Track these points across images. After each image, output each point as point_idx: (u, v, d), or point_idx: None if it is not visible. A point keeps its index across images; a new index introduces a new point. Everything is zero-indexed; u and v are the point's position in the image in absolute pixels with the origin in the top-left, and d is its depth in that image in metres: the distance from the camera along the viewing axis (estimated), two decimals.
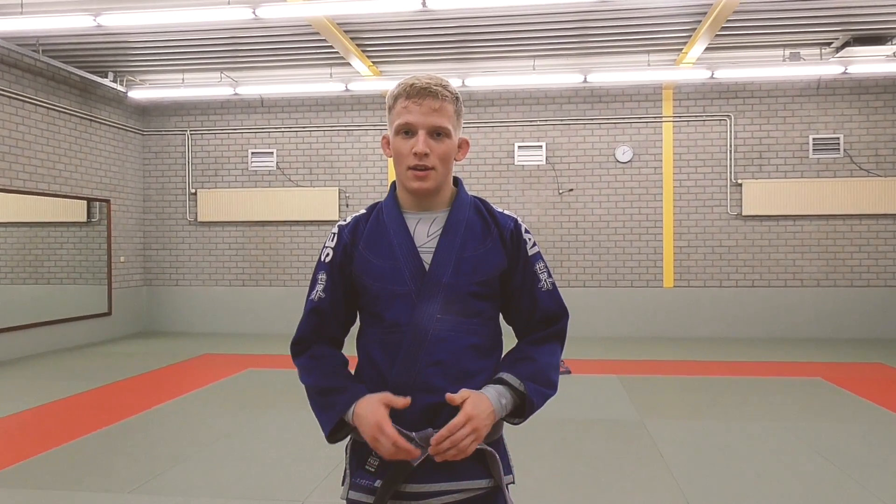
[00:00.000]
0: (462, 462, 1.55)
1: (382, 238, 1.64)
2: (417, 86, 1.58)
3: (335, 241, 1.69)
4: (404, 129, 1.59)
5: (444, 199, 1.68)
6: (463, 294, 1.60)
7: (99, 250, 10.28)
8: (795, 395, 6.38)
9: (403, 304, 1.59)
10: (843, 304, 10.00)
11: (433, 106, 1.58)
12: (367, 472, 1.58)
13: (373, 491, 1.55)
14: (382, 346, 1.61)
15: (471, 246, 1.63)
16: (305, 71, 10.14)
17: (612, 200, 10.43)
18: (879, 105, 9.95)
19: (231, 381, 7.21)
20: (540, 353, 1.67)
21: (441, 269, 1.59)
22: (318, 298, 1.68)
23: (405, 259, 1.60)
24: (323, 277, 1.68)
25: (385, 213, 1.68)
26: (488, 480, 1.59)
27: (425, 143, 1.57)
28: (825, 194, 9.95)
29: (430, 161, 1.58)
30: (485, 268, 1.63)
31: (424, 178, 1.59)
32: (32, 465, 4.43)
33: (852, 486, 3.98)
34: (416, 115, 1.57)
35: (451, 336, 1.58)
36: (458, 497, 1.57)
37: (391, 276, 1.60)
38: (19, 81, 8.81)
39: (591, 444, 4.87)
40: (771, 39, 8.82)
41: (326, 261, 1.69)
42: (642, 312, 10.32)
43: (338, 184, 10.93)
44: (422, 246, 1.62)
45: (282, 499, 3.84)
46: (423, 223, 1.65)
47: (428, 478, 1.54)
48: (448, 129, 1.60)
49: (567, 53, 9.37)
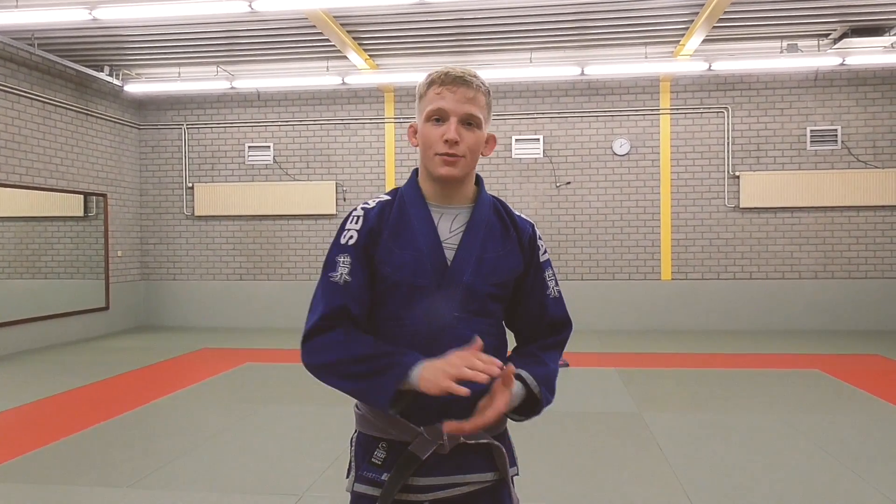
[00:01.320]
0: (468, 455, 1.56)
1: (406, 227, 1.60)
2: (452, 74, 1.57)
3: (360, 224, 1.61)
4: (436, 115, 1.57)
5: (467, 194, 1.66)
6: (481, 294, 1.59)
7: (96, 245, 10.26)
8: (793, 387, 6.39)
9: (422, 298, 1.57)
10: (840, 296, 10.02)
11: (467, 95, 1.56)
12: (373, 465, 1.57)
13: (379, 484, 1.54)
14: (396, 341, 1.56)
15: (490, 247, 1.62)
16: (302, 64, 10.11)
17: (609, 193, 10.43)
18: (877, 97, 9.94)
19: (230, 375, 7.21)
20: (550, 359, 1.69)
21: (463, 267, 1.58)
22: (344, 281, 1.55)
23: (429, 251, 1.57)
24: (347, 260, 1.57)
25: (408, 203, 1.63)
26: (494, 473, 1.60)
27: (457, 131, 1.55)
28: (823, 186, 9.95)
29: (460, 150, 1.56)
30: (502, 271, 1.63)
31: (454, 164, 1.56)
32: (31, 460, 4.43)
33: (850, 478, 3.99)
34: (449, 101, 1.55)
35: (469, 336, 1.54)
36: (465, 490, 1.57)
37: (413, 267, 1.56)
38: (15, 75, 8.77)
39: (589, 437, 4.88)
40: (768, 31, 8.80)
41: (350, 243, 1.59)
42: (640, 305, 10.33)
43: (335, 177, 10.91)
44: (444, 241, 1.60)
45: (281, 492, 3.85)
46: (446, 218, 1.62)
47: (435, 471, 1.54)
48: (480, 119, 1.58)
49: (564, 46, 9.34)
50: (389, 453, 1.55)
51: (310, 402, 5.87)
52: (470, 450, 1.57)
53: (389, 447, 1.56)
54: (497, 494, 1.61)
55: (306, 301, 1.68)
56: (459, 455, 1.54)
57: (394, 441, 1.56)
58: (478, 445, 1.57)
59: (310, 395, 6.08)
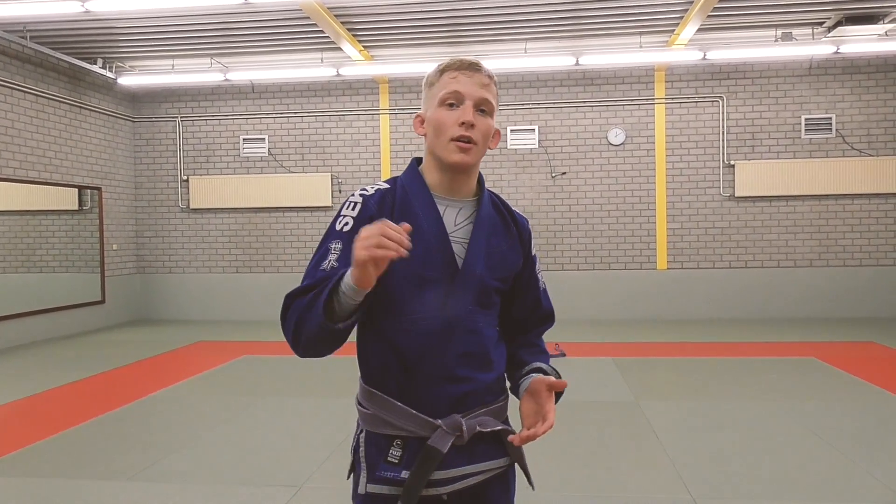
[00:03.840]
0: (480, 444, 1.58)
1: (410, 218, 1.51)
2: (467, 60, 1.56)
3: (357, 211, 1.54)
4: (452, 98, 1.54)
5: (471, 186, 1.64)
6: (489, 288, 1.60)
7: (91, 238, 10.23)
8: (789, 375, 6.42)
9: (432, 291, 1.53)
10: (835, 284, 10.06)
11: (483, 81, 1.55)
12: (390, 463, 1.53)
13: (399, 483, 1.51)
14: (407, 336, 1.53)
15: (495, 241, 1.62)
16: (296, 56, 10.07)
17: (604, 183, 10.43)
18: (871, 84, 9.95)
19: (227, 367, 7.21)
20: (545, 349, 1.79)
21: (475, 261, 1.57)
22: (331, 268, 1.46)
23: (438, 243, 1.54)
24: (338, 247, 1.49)
25: (411, 193, 1.58)
26: (506, 459, 1.64)
27: (473, 115, 1.53)
28: (817, 174, 9.97)
29: (475, 135, 1.53)
30: (506, 264, 1.64)
31: (468, 151, 1.53)
32: (29, 454, 4.43)
33: (846, 464, 4.02)
34: (465, 85, 1.54)
35: (481, 328, 1.59)
36: (481, 479, 1.59)
37: (421, 259, 1.50)
38: (7, 68, 8.72)
39: (586, 426, 4.90)
40: (763, 19, 8.79)
41: (345, 230, 1.51)
42: (636, 294, 10.36)
43: (330, 169, 10.89)
44: (450, 234, 1.57)
45: (280, 484, 3.86)
46: (451, 210, 1.59)
47: (450, 463, 1.54)
48: (493, 106, 1.57)
49: (559, 36, 9.32)
50: (406, 450, 1.53)
51: (308, 394, 5.88)
52: (481, 439, 1.58)
53: (405, 444, 1.53)
54: (505, 478, 1.66)
55: None
56: (473, 445, 1.56)
57: (409, 437, 1.53)
58: (489, 434, 1.59)
59: (308, 387, 6.10)
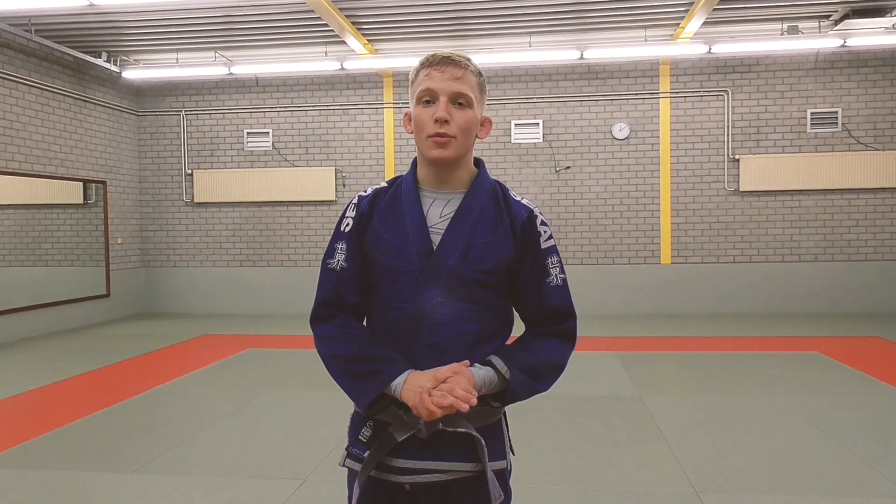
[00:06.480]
0: (448, 443, 1.55)
1: (396, 213, 1.63)
2: (440, 55, 1.57)
3: (354, 212, 1.67)
4: (426, 95, 1.57)
5: (462, 179, 1.65)
6: (466, 280, 1.57)
7: (96, 232, 10.26)
8: (793, 370, 6.42)
9: (406, 283, 1.58)
10: (840, 279, 10.03)
11: (455, 74, 1.56)
12: (359, 442, 1.62)
13: (362, 460, 1.59)
14: (384, 324, 1.62)
15: (480, 233, 1.60)
16: (300, 50, 10.05)
17: (609, 177, 10.41)
18: (878, 78, 9.90)
19: (231, 361, 7.23)
20: (542, 348, 1.65)
21: (447, 252, 1.57)
22: (340, 268, 1.64)
23: (414, 236, 1.59)
24: (343, 247, 1.65)
25: (402, 189, 1.66)
26: (473, 465, 1.57)
27: (446, 109, 1.54)
28: (823, 169, 9.94)
29: (451, 129, 1.55)
30: (492, 256, 1.60)
31: (445, 146, 1.56)
32: (35, 447, 4.46)
33: (850, 459, 4.01)
34: (437, 81, 1.55)
35: (450, 321, 1.57)
36: (442, 477, 1.56)
37: (398, 252, 1.59)
38: (12, 62, 8.73)
39: (589, 420, 4.91)
40: (769, 13, 8.74)
41: (346, 230, 1.66)
42: (640, 289, 10.35)
43: (334, 163, 10.89)
44: (433, 226, 1.60)
45: (283, 477, 3.87)
46: (438, 203, 1.63)
47: (414, 454, 1.55)
48: (470, 97, 1.57)
49: (563, 30, 9.29)
50: (374, 432, 1.60)
51: (311, 388, 5.90)
52: (450, 438, 1.55)
53: (375, 426, 1.60)
54: (479, 487, 1.57)
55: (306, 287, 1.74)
56: (440, 441, 1.54)
57: (380, 421, 1.59)
58: (459, 435, 1.54)
59: (311, 380, 6.11)
